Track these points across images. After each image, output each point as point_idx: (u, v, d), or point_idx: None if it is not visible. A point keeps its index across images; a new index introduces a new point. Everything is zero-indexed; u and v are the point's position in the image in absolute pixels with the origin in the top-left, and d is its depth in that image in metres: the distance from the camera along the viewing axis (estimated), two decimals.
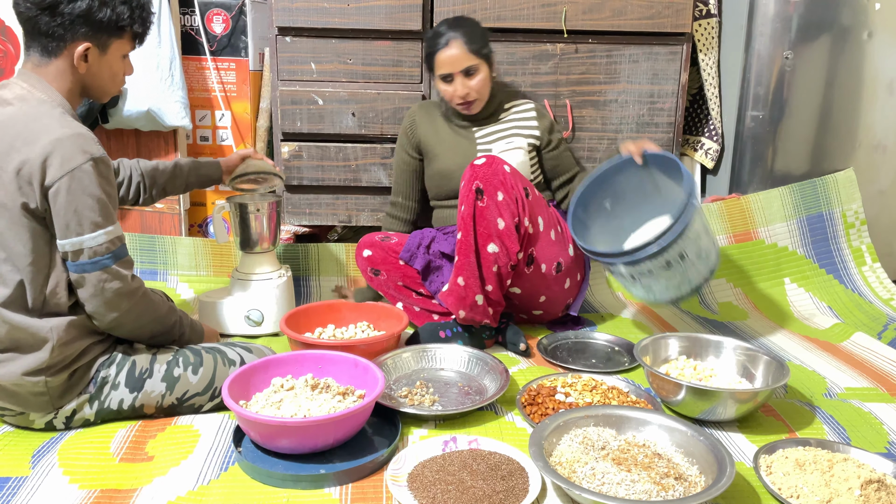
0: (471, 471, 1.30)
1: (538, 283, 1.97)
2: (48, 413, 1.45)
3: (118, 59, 1.49)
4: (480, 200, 1.81)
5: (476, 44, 1.98)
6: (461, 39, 1.97)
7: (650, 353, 1.72)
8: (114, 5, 1.42)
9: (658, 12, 2.30)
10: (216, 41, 2.46)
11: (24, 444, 1.43)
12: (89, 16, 1.39)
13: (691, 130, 2.67)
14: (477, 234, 1.83)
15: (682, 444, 1.36)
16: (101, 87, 1.50)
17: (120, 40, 1.46)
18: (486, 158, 1.85)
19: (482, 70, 2.01)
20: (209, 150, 2.55)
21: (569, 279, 2.02)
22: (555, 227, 1.98)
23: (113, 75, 1.50)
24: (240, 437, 1.44)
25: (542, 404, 1.57)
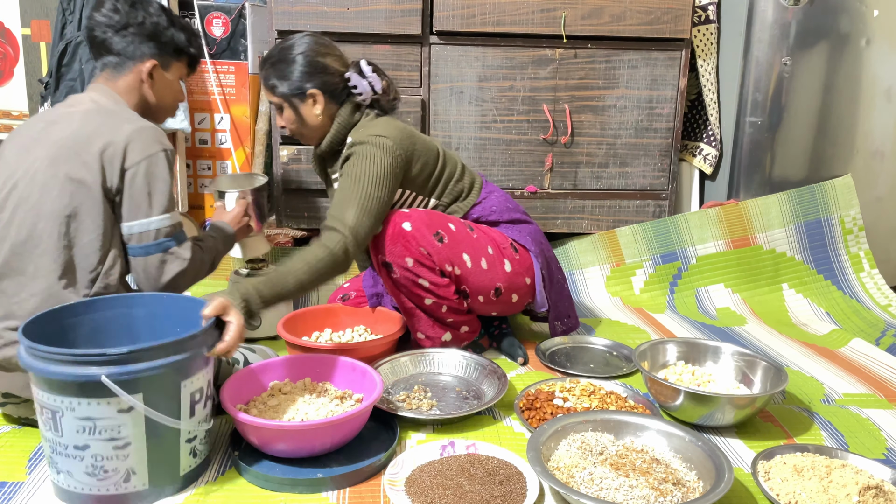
0: (468, 475, 1.29)
1: (484, 307, 1.90)
2: None
3: (177, 80, 1.61)
4: (393, 273, 1.76)
5: (272, 82, 1.77)
6: (263, 73, 1.79)
7: (648, 358, 1.72)
8: (175, 29, 1.56)
9: (657, 18, 2.30)
10: (215, 44, 2.46)
11: (20, 447, 1.42)
12: (155, 35, 1.53)
13: (690, 136, 2.67)
14: (410, 296, 1.79)
15: (681, 450, 1.36)
16: (162, 106, 1.60)
17: (179, 62, 1.59)
18: (382, 227, 1.74)
19: (286, 109, 1.79)
20: (208, 153, 2.55)
21: (515, 294, 1.91)
22: (484, 254, 1.83)
23: (174, 95, 1.61)
24: (237, 441, 1.43)
25: (540, 409, 1.57)
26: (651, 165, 2.46)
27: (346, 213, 1.65)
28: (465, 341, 1.90)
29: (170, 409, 1.23)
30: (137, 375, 1.17)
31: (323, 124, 1.82)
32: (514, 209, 1.99)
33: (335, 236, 1.61)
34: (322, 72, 1.77)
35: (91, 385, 1.15)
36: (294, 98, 1.77)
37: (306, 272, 1.56)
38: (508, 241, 1.92)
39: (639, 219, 2.51)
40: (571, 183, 2.46)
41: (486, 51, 2.33)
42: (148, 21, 1.53)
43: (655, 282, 2.46)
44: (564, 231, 2.51)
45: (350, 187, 1.68)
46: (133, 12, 1.52)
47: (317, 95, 1.77)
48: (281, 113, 1.81)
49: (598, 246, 2.51)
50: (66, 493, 1.23)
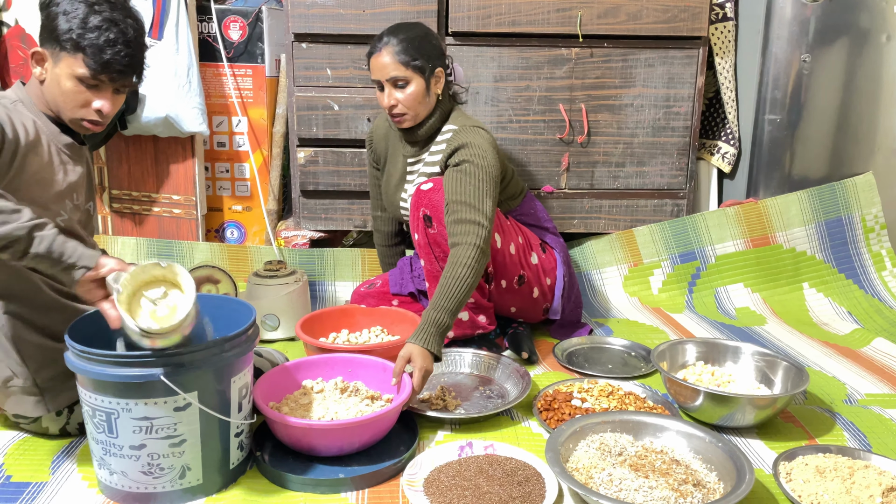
0: (487, 476, 1.30)
1: (504, 297, 1.94)
2: (57, 418, 1.46)
3: (70, 78, 1.37)
4: (430, 227, 1.78)
5: (409, 54, 1.77)
6: (394, 47, 1.78)
7: (667, 358, 1.71)
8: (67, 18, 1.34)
9: (674, 16, 2.29)
10: (233, 48, 2.48)
11: (43, 450, 1.44)
12: (46, 19, 1.36)
13: (708, 134, 2.65)
14: (437, 259, 1.80)
15: (701, 451, 1.35)
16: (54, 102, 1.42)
17: (71, 58, 1.35)
18: (434, 183, 1.80)
19: (413, 83, 1.79)
20: (226, 156, 2.57)
21: (536, 288, 1.97)
22: (514, 240, 1.90)
23: (62, 94, 1.39)
24: (260, 440, 1.44)
25: (559, 410, 1.57)
26: (669, 164, 2.45)
27: (485, 203, 1.70)
28: (479, 329, 1.90)
29: (221, 406, 1.26)
30: (192, 373, 1.20)
31: (432, 105, 1.86)
32: (547, 220, 2.08)
33: (480, 231, 1.66)
34: (444, 54, 1.87)
35: (148, 385, 1.18)
36: (428, 73, 1.81)
37: (473, 276, 1.61)
38: (538, 240, 2.00)
39: (656, 218, 2.49)
40: (588, 183, 2.45)
41: (501, 51, 2.32)
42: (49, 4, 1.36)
43: (674, 281, 2.45)
44: (581, 231, 2.50)
45: (483, 178, 1.72)
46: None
47: (441, 74, 1.84)
48: (404, 88, 1.79)
49: (615, 246, 2.50)
50: (119, 492, 1.26)
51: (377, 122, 2.11)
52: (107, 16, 1.35)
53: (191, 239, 2.53)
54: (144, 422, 1.20)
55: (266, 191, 2.57)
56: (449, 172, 1.77)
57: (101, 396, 1.20)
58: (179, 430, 1.22)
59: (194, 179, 2.49)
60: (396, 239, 2.26)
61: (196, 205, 2.51)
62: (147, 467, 1.23)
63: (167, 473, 1.24)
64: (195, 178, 2.49)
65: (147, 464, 1.23)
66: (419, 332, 1.54)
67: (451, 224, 1.69)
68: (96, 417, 1.22)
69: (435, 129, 1.90)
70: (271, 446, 1.44)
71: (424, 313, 1.57)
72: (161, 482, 1.24)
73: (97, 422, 1.22)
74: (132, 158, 2.51)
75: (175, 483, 1.25)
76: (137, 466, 1.23)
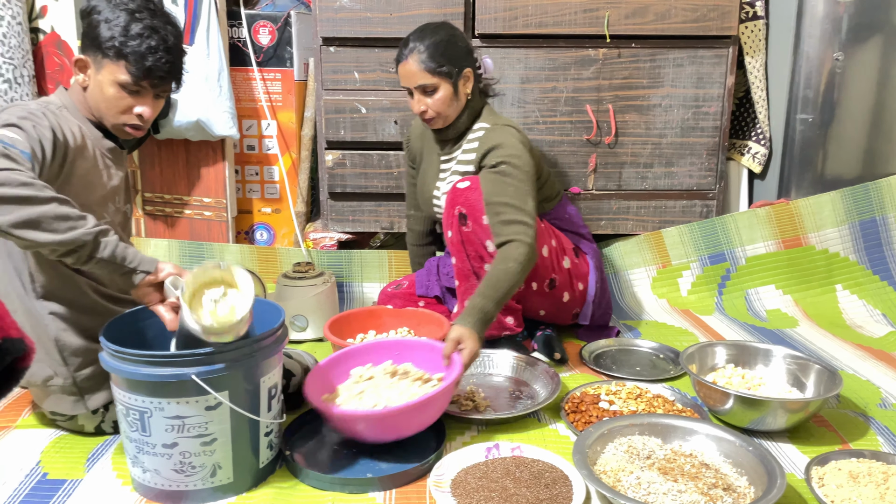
0: (514, 478, 1.30)
1: (534, 299, 1.94)
2: (93, 416, 1.50)
3: (112, 85, 1.41)
4: (465, 225, 1.78)
5: (436, 61, 1.79)
6: (420, 55, 1.79)
7: (696, 361, 1.69)
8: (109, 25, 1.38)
9: (703, 15, 2.27)
10: (262, 52, 2.51)
11: (79, 448, 1.48)
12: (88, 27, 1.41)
13: (738, 134, 2.62)
14: (469, 257, 1.81)
15: (731, 455, 1.34)
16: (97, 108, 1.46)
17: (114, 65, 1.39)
18: (471, 182, 1.80)
19: (442, 89, 1.81)
20: (256, 159, 2.60)
21: (567, 293, 1.97)
22: (547, 242, 1.91)
23: (105, 100, 1.43)
24: (289, 440, 1.46)
25: (586, 412, 1.56)
26: (698, 165, 2.42)
27: (528, 202, 1.72)
28: (506, 331, 1.90)
29: (251, 405, 1.28)
30: (223, 373, 1.22)
31: (462, 105, 1.87)
32: (582, 226, 2.08)
33: (527, 230, 1.69)
34: (471, 52, 1.88)
35: (180, 385, 1.20)
36: (455, 77, 1.82)
37: (520, 270, 1.65)
38: (571, 245, 1.99)
39: (685, 219, 2.47)
40: (616, 183, 2.44)
41: (528, 52, 2.32)
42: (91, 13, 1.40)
43: (703, 283, 2.42)
44: (609, 232, 2.48)
45: (522, 178, 1.75)
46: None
47: (470, 75, 1.85)
48: (432, 94, 1.82)
49: (643, 247, 2.48)
50: (152, 490, 1.28)
51: (414, 122, 2.14)
52: (148, 23, 1.39)
53: (221, 241, 2.56)
54: (176, 421, 1.22)
55: (294, 193, 2.60)
56: (486, 174, 1.78)
57: (134, 395, 1.23)
58: (210, 430, 1.24)
59: (225, 182, 2.52)
60: (428, 238, 2.27)
61: (226, 207, 2.55)
62: (179, 465, 1.25)
63: (199, 472, 1.26)
64: (225, 181, 2.52)
65: (179, 462, 1.25)
66: (466, 316, 1.57)
67: (496, 225, 1.71)
68: (130, 416, 1.25)
69: (465, 128, 1.91)
70: (301, 446, 1.46)
71: (469, 300, 1.60)
72: (193, 480, 1.26)
73: (131, 420, 1.25)
74: (164, 162, 2.55)
75: (206, 481, 1.27)
76: (170, 465, 1.25)
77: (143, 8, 1.41)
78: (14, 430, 1.55)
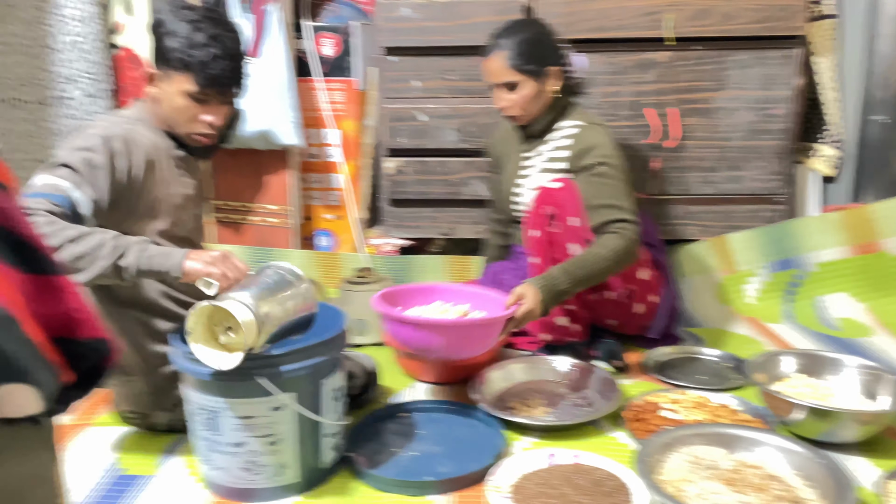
0: (574, 485, 1.29)
1: (606, 308, 1.92)
2: (166, 415, 1.56)
3: (180, 95, 1.46)
4: (552, 226, 1.78)
5: (521, 59, 1.79)
6: (504, 52, 1.80)
7: (763, 370, 1.65)
8: (175, 38, 1.44)
9: (770, 15, 2.21)
10: (326, 63, 2.57)
11: (153, 445, 1.54)
12: (156, 40, 1.47)
13: (808, 137, 2.54)
14: (553, 260, 1.79)
15: (800, 467, 1.30)
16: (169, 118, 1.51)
17: (180, 75, 1.45)
18: (564, 182, 1.81)
19: (525, 87, 1.81)
20: (319, 167, 2.66)
21: (639, 304, 1.94)
22: None
23: (174, 109, 1.48)
24: (351, 442, 1.49)
25: (648, 421, 1.54)
26: (765, 168, 2.36)
27: (629, 200, 1.74)
28: (573, 338, 1.89)
29: (314, 407, 1.32)
30: (290, 375, 1.26)
31: (546, 103, 1.88)
32: (658, 240, 2.06)
33: (627, 226, 1.71)
34: (559, 49, 1.88)
35: (248, 386, 1.24)
36: (540, 75, 1.82)
37: (612, 259, 1.67)
38: (649, 256, 1.96)
39: (752, 224, 2.40)
40: (679, 188, 2.39)
41: (588, 57, 2.30)
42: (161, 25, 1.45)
43: (771, 290, 2.35)
44: (672, 238, 2.44)
45: (620, 177, 1.77)
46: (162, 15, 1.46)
47: (555, 74, 1.84)
48: (515, 91, 1.83)
49: (707, 253, 2.43)
50: (221, 487, 1.33)
51: (500, 126, 2.14)
52: (209, 32, 1.43)
53: (286, 247, 2.63)
54: (245, 421, 1.27)
55: (356, 200, 2.65)
56: (584, 178, 1.80)
57: (205, 396, 1.28)
58: (276, 430, 1.28)
59: (290, 190, 2.60)
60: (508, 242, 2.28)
61: (291, 214, 2.62)
62: (247, 464, 1.29)
63: (265, 470, 1.30)
64: (291, 189, 2.59)
65: (247, 461, 1.29)
66: (538, 280, 1.63)
67: (599, 226, 1.74)
68: (201, 416, 1.30)
69: (550, 125, 1.91)
70: (362, 448, 1.49)
71: (550, 269, 1.65)
72: (259, 479, 1.30)
73: (202, 420, 1.30)
74: (232, 170, 2.64)
75: (272, 480, 1.31)
76: (238, 463, 1.30)
77: (204, 18, 1.45)
78: (92, 427, 1.63)
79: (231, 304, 1.18)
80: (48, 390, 0.61)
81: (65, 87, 2.47)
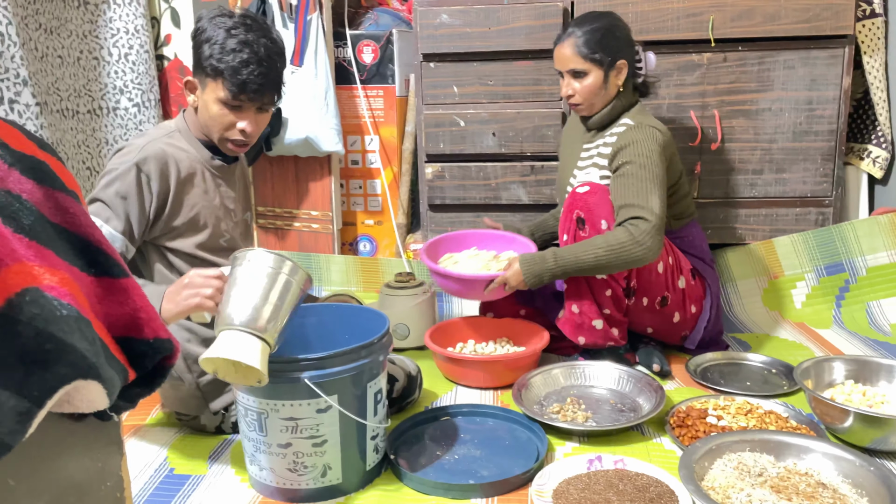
0: (617, 491, 1.28)
1: (643, 315, 1.88)
2: (214, 417, 1.59)
3: (216, 103, 1.47)
4: (582, 230, 1.77)
5: (590, 47, 1.81)
6: (576, 39, 1.83)
7: (812, 376, 1.61)
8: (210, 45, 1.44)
9: (816, 15, 2.17)
10: (366, 70, 2.60)
11: (201, 445, 1.58)
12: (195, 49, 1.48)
13: (856, 138, 2.48)
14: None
15: (850, 475, 1.27)
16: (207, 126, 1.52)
17: (214, 83, 1.45)
18: (591, 187, 1.80)
19: (592, 76, 1.83)
20: (359, 173, 2.69)
21: (678, 313, 1.90)
22: (664, 259, 1.85)
23: (210, 116, 1.49)
24: (394, 445, 1.51)
25: (693, 427, 1.52)
26: (812, 171, 2.31)
27: (650, 199, 1.72)
28: (610, 342, 1.87)
29: (358, 409, 1.34)
30: (334, 378, 1.28)
31: (612, 95, 1.89)
32: (707, 252, 2.03)
33: (643, 224, 1.69)
34: (631, 45, 1.89)
35: (294, 387, 1.26)
36: (607, 66, 1.84)
37: (605, 249, 1.68)
38: (689, 266, 1.94)
39: (799, 228, 2.35)
40: (723, 191, 2.36)
41: None
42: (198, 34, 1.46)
43: (819, 295, 2.30)
44: (715, 242, 2.40)
45: (645, 176, 1.75)
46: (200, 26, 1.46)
47: (624, 66, 1.86)
48: (582, 79, 1.85)
49: (753, 257, 2.39)
50: (268, 487, 1.36)
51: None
52: (242, 38, 1.42)
53: (327, 252, 2.67)
54: (290, 422, 1.29)
55: (396, 205, 2.67)
56: (613, 179, 1.81)
57: (252, 397, 1.30)
58: (321, 431, 1.30)
59: (331, 196, 2.63)
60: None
61: (332, 220, 2.65)
62: (293, 465, 1.32)
63: (310, 471, 1.32)
64: (332, 195, 2.63)
65: (293, 462, 1.31)
66: (527, 256, 1.78)
67: (618, 226, 1.74)
68: (248, 416, 1.33)
69: (610, 120, 1.91)
70: (405, 450, 1.50)
71: (547, 250, 1.77)
72: (305, 479, 1.32)
73: (249, 421, 1.33)
74: (275, 177, 2.69)
75: (317, 481, 1.33)
76: (284, 464, 1.32)
77: (239, 24, 1.43)
78: (144, 426, 1.67)
79: (231, 349, 1.15)
80: (115, 387, 0.64)
81: (115, 97, 2.55)
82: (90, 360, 0.59)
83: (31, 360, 0.57)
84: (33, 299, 0.57)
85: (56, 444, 0.65)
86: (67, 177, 0.66)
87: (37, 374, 0.57)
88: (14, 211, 0.60)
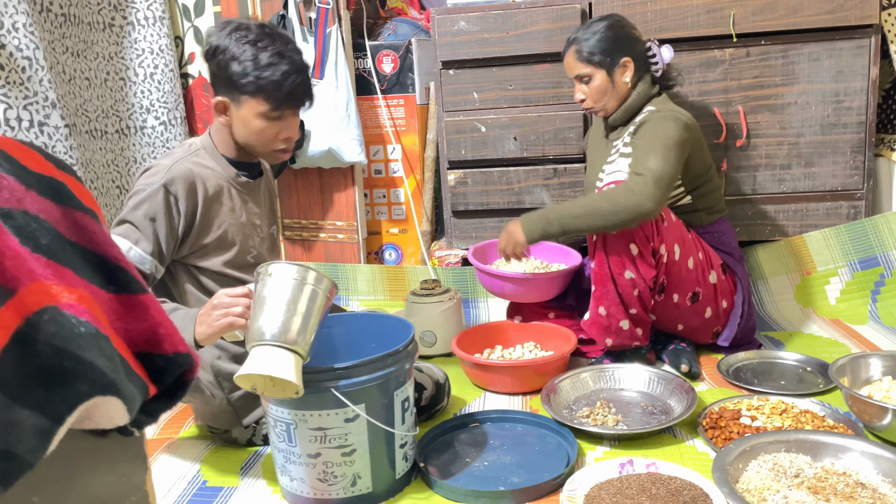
0: (650, 495, 1.26)
1: (674, 312, 1.87)
2: (245, 430, 1.61)
3: (256, 118, 1.48)
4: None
5: (589, 51, 1.88)
6: (576, 46, 1.90)
7: (848, 373, 1.58)
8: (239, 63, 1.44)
9: (839, 5, 2.13)
10: (386, 80, 2.62)
11: (233, 458, 1.59)
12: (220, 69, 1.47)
13: (887, 129, 2.42)
14: (610, 262, 1.76)
15: (890, 473, 1.23)
16: (249, 144, 1.53)
17: (252, 99, 1.46)
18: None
19: (596, 78, 1.89)
20: (383, 182, 2.71)
21: (709, 308, 1.89)
22: (693, 254, 1.84)
23: (251, 133, 1.50)
24: (423, 453, 1.50)
25: (726, 428, 1.49)
26: (842, 164, 2.26)
27: (648, 160, 1.74)
28: (636, 341, 1.85)
29: (386, 417, 1.34)
30: (361, 387, 1.28)
31: (626, 92, 1.92)
32: (735, 248, 2.01)
33: (637, 179, 1.71)
34: (633, 41, 1.92)
35: (322, 398, 1.27)
36: (610, 66, 1.89)
37: (605, 206, 1.70)
38: (720, 261, 1.93)
39: (830, 222, 2.31)
40: (750, 187, 2.32)
41: None
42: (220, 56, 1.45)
43: (854, 290, 2.25)
44: (744, 239, 2.36)
45: (651, 143, 1.77)
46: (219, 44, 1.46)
47: (628, 63, 1.90)
48: (588, 83, 1.91)
49: (783, 253, 2.34)
50: (298, 498, 1.37)
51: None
52: (273, 50, 1.43)
53: (353, 261, 2.68)
54: (319, 432, 1.30)
55: (420, 213, 2.68)
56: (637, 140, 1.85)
57: (281, 408, 1.31)
58: (350, 441, 1.31)
59: (355, 206, 2.65)
60: None
61: (357, 229, 2.67)
62: (322, 475, 1.32)
63: (340, 481, 1.32)
64: (356, 205, 2.65)
65: (322, 471, 1.32)
66: (530, 213, 1.81)
67: None
68: (277, 427, 1.34)
69: (630, 115, 1.95)
70: (434, 458, 1.50)
71: (548, 206, 1.85)
72: (335, 489, 1.33)
73: (278, 431, 1.34)
74: (300, 189, 2.72)
75: (347, 490, 1.33)
76: (314, 473, 1.32)
77: (262, 36, 1.44)
78: (177, 438, 1.70)
79: (264, 364, 1.16)
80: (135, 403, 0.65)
81: (142, 116, 2.60)
82: (109, 377, 0.60)
83: (51, 378, 0.58)
84: (52, 318, 0.58)
85: (80, 460, 0.66)
86: (85, 196, 0.67)
87: (56, 392, 0.58)
88: (32, 231, 0.61)
